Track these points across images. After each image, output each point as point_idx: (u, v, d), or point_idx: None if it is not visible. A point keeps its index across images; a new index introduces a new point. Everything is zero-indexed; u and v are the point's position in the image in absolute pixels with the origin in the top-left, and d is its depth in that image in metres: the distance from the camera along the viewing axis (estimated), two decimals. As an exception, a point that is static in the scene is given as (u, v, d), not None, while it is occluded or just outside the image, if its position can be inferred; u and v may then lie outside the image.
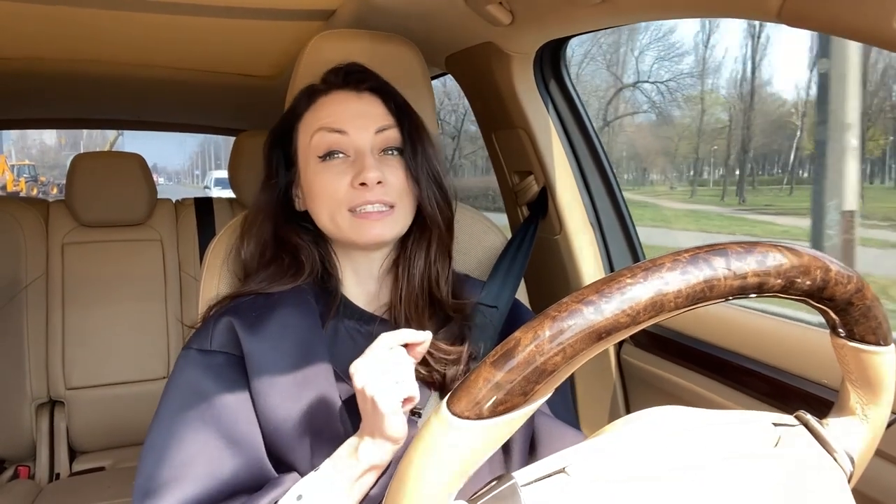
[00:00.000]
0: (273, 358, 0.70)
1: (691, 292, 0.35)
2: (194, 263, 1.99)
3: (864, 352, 0.44)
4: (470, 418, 0.34)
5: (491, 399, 0.34)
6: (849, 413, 0.48)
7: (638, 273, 0.35)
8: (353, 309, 0.80)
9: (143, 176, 1.91)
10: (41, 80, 1.75)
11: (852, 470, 0.47)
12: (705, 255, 0.36)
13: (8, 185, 27.05)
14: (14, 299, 1.79)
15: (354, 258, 0.81)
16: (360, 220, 0.75)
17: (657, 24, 17.96)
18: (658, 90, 18.20)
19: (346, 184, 0.75)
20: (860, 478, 0.50)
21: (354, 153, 0.76)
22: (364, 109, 0.78)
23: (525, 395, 0.34)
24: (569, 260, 1.29)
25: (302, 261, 0.79)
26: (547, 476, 0.39)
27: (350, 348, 0.76)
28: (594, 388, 1.34)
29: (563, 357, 0.34)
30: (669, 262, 0.36)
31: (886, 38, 0.58)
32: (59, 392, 1.81)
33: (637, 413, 0.47)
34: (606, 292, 0.35)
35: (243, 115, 2.35)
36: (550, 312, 0.35)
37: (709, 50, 18.87)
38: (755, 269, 0.37)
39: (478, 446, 0.35)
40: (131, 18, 1.20)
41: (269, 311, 0.74)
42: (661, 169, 19.87)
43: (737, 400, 1.00)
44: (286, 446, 0.69)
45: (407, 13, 1.05)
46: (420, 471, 0.36)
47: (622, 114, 18.05)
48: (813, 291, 0.39)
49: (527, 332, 0.35)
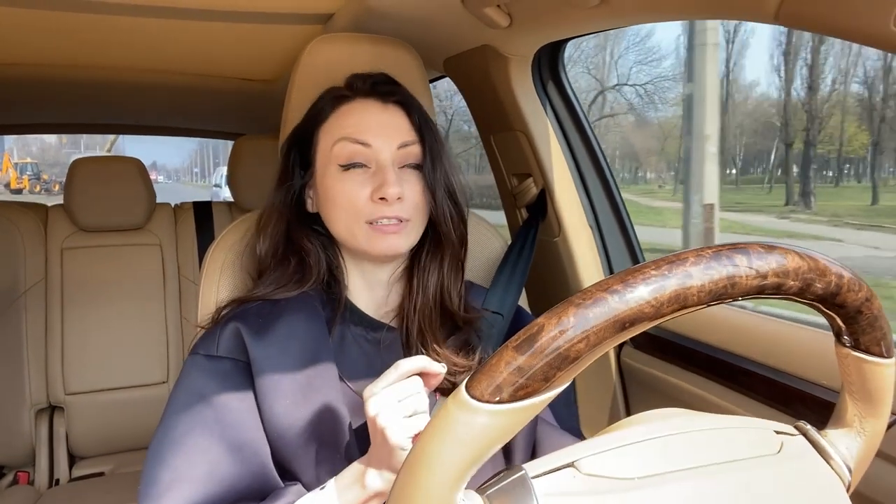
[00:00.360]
0: (279, 364, 0.70)
1: (714, 288, 0.35)
2: (193, 268, 1.99)
3: (867, 362, 0.44)
4: (490, 402, 0.34)
5: (512, 383, 0.34)
6: (846, 425, 0.48)
7: (662, 265, 0.35)
8: (360, 315, 0.80)
9: (142, 180, 1.91)
10: (41, 85, 1.75)
11: (850, 480, 0.47)
12: (728, 252, 0.36)
13: (12, 182, 28.36)
14: (13, 304, 1.78)
15: (364, 266, 0.81)
16: (376, 233, 0.74)
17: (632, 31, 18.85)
18: (637, 92, 19.37)
19: (365, 195, 0.74)
20: (860, 478, 0.50)
21: (376, 165, 0.76)
22: (389, 122, 0.78)
23: (546, 380, 0.34)
24: (568, 262, 1.29)
25: (309, 265, 0.79)
26: (556, 469, 0.39)
27: (357, 355, 0.77)
28: (594, 390, 1.34)
29: (587, 344, 0.34)
30: (693, 256, 0.36)
31: (884, 39, 0.58)
32: (58, 397, 1.80)
33: (642, 413, 0.47)
34: (631, 282, 0.35)
35: (242, 119, 2.35)
36: (575, 300, 0.35)
37: (686, 52, 20.30)
38: (776, 269, 0.37)
39: (495, 430, 0.35)
40: (130, 23, 1.20)
41: (275, 318, 0.73)
42: (633, 168, 21.02)
43: (737, 402, 0.99)
44: (290, 453, 0.68)
45: (405, 17, 1.05)
46: (434, 453, 0.35)
47: (602, 115, 18.79)
48: (826, 296, 0.39)
49: (551, 318, 0.34)
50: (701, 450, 0.42)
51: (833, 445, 0.47)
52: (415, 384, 0.61)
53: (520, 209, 1.34)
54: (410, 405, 0.59)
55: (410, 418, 0.59)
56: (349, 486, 0.63)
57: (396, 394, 0.59)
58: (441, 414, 0.36)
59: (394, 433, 0.58)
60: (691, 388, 1.09)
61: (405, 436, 0.58)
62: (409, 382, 0.61)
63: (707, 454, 0.41)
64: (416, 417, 0.59)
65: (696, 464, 0.40)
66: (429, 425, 0.36)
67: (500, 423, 0.35)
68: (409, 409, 0.59)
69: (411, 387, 0.60)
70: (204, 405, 0.68)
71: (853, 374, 0.45)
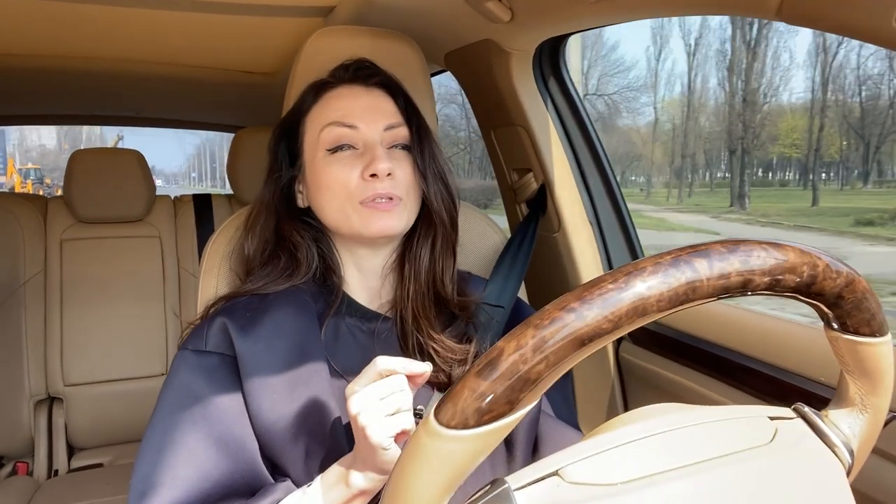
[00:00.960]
0: (265, 359, 0.70)
1: (673, 295, 0.35)
2: (193, 260, 1.99)
3: (860, 343, 0.44)
4: (457, 428, 0.35)
5: (476, 409, 0.34)
6: (849, 404, 0.48)
7: (620, 278, 0.35)
8: (355, 306, 0.79)
9: (142, 172, 1.91)
10: (40, 76, 1.74)
11: (851, 463, 0.46)
12: (687, 258, 0.36)
13: (16, 186, 29.88)
14: (12, 296, 1.78)
15: (358, 254, 0.80)
16: (369, 211, 0.74)
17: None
18: (605, 103, 21.79)
19: (356, 175, 0.74)
20: (860, 478, 0.49)
21: (364, 146, 0.75)
22: (373, 103, 0.78)
23: (510, 403, 0.35)
24: (567, 257, 1.30)
25: (299, 260, 0.78)
26: (540, 479, 0.39)
27: (352, 346, 0.76)
28: (592, 385, 1.34)
29: (547, 365, 0.34)
30: (651, 265, 0.36)
31: (886, 37, 0.58)
32: (57, 389, 1.80)
33: (633, 411, 0.47)
34: (588, 299, 0.35)
35: (243, 111, 2.35)
36: (533, 321, 0.35)
37: (660, 63, 23.63)
38: (738, 268, 0.37)
39: (465, 455, 0.35)
40: (131, 15, 1.19)
41: (262, 312, 0.73)
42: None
43: (735, 397, 1.00)
44: (279, 448, 0.68)
45: (406, 10, 1.05)
46: (411, 481, 0.36)
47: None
48: (801, 288, 0.39)
49: (510, 342, 0.35)
50: (691, 447, 0.41)
51: (834, 426, 0.47)
52: (397, 382, 0.59)
53: (520, 204, 1.34)
54: (393, 403, 0.58)
55: (393, 416, 0.58)
56: (334, 484, 0.63)
57: (378, 392, 0.58)
58: (412, 442, 0.37)
59: (374, 432, 0.57)
60: (689, 383, 1.09)
61: (386, 435, 0.57)
62: (391, 380, 0.59)
63: (697, 451, 0.41)
64: (398, 416, 0.58)
65: (682, 463, 0.40)
66: (403, 452, 0.37)
67: (469, 449, 0.35)
68: (392, 408, 0.58)
69: (394, 384, 0.59)
70: (192, 402, 0.68)
71: (847, 356, 0.45)
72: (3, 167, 32.13)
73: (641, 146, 22.93)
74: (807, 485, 0.43)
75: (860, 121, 18.48)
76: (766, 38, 19.09)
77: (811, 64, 19.61)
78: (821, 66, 18.53)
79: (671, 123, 22.60)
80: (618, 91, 22.26)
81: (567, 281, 1.32)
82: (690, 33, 22.37)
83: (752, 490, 0.40)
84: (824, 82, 18.59)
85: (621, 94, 22.34)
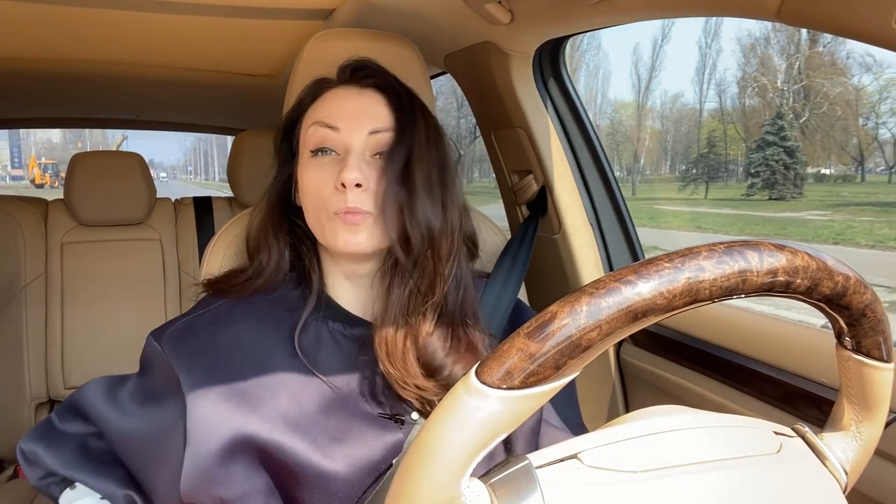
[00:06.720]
0: (208, 378, 0.67)
1: (726, 283, 0.35)
2: (193, 263, 1.99)
3: (867, 366, 0.44)
4: (500, 388, 0.34)
5: (523, 369, 0.34)
6: (843, 429, 0.49)
7: (676, 258, 0.35)
8: (338, 311, 0.75)
9: (143, 175, 1.91)
10: (41, 79, 1.75)
11: (846, 482, 0.47)
12: (740, 248, 0.36)
13: (37, 178, 40.29)
14: (13, 299, 1.79)
15: (341, 261, 0.76)
16: (336, 226, 0.69)
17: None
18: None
19: (332, 184, 0.69)
20: (860, 478, 0.50)
21: (344, 151, 0.71)
22: (363, 107, 0.73)
23: (557, 367, 0.34)
24: (568, 258, 1.29)
25: (280, 266, 0.76)
26: (560, 460, 0.39)
27: (334, 351, 0.73)
28: (593, 387, 1.34)
29: (599, 333, 0.34)
30: (706, 251, 0.36)
31: (885, 38, 0.58)
32: (58, 392, 1.80)
33: (643, 410, 0.47)
34: (644, 273, 0.35)
35: (243, 114, 2.35)
36: (588, 289, 0.35)
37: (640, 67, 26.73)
38: (786, 266, 0.37)
39: (504, 416, 0.35)
40: (131, 18, 1.20)
41: (224, 327, 0.71)
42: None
43: (736, 400, 1.00)
44: (205, 466, 0.65)
45: (406, 12, 1.05)
46: (441, 437, 0.35)
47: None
48: (833, 297, 0.39)
49: (563, 306, 0.34)
50: (703, 446, 0.42)
51: (829, 448, 0.47)
52: None
53: (520, 206, 1.34)
54: None
55: None
56: None
57: None
58: (450, 398, 0.36)
59: None
60: (690, 385, 1.09)
61: None
62: None
63: (709, 451, 0.41)
64: None
65: (699, 459, 0.41)
66: (436, 410, 0.36)
67: (510, 410, 0.35)
68: None
69: None
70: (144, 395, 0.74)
71: (852, 377, 0.46)
72: (20, 161, 38.32)
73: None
74: (807, 497, 0.44)
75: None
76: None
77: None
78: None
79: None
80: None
81: (567, 282, 1.32)
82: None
83: (760, 494, 0.41)
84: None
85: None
